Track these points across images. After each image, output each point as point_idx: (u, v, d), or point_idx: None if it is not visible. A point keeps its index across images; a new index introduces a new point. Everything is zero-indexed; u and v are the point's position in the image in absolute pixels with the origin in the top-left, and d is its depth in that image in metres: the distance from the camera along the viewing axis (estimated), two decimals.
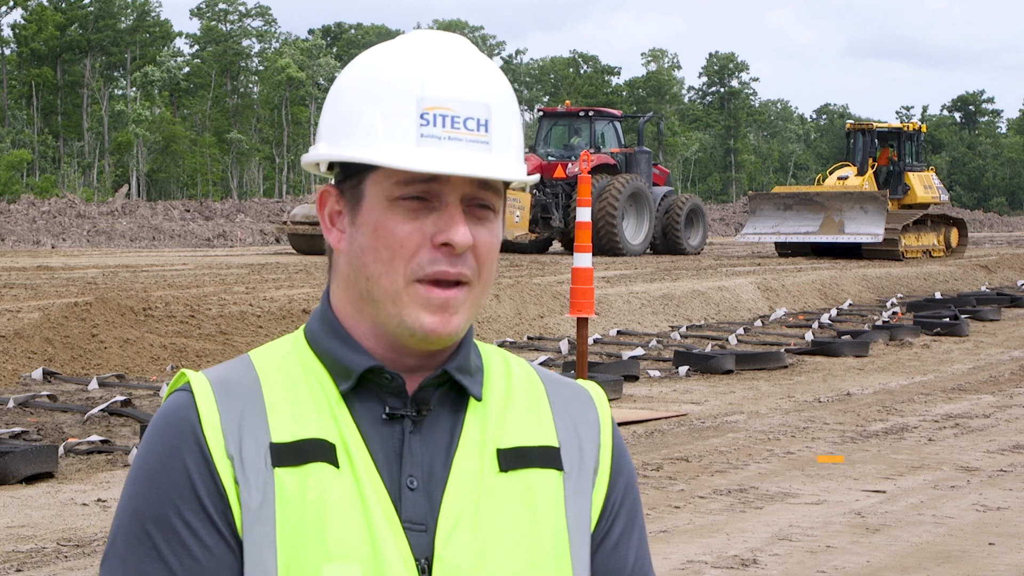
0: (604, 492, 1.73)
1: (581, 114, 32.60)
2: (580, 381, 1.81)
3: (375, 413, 1.65)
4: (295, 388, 1.66)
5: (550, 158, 31.77)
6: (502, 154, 1.64)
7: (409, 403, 1.66)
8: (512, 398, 1.72)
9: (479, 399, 1.68)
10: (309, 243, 29.49)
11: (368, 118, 1.63)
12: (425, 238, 1.61)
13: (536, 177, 1.71)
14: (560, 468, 1.69)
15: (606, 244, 30.22)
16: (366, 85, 1.65)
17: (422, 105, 1.61)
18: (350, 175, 1.66)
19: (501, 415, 1.69)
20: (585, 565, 1.69)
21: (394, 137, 1.61)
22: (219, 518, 1.60)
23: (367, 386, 1.66)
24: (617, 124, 33.27)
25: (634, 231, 31.39)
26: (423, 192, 1.61)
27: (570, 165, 31.15)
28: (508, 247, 29.73)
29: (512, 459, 1.67)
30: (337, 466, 1.61)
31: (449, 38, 1.68)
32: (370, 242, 1.63)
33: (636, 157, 32.45)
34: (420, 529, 1.61)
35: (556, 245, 33.30)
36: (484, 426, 1.68)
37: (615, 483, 1.74)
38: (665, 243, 32.44)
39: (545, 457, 1.68)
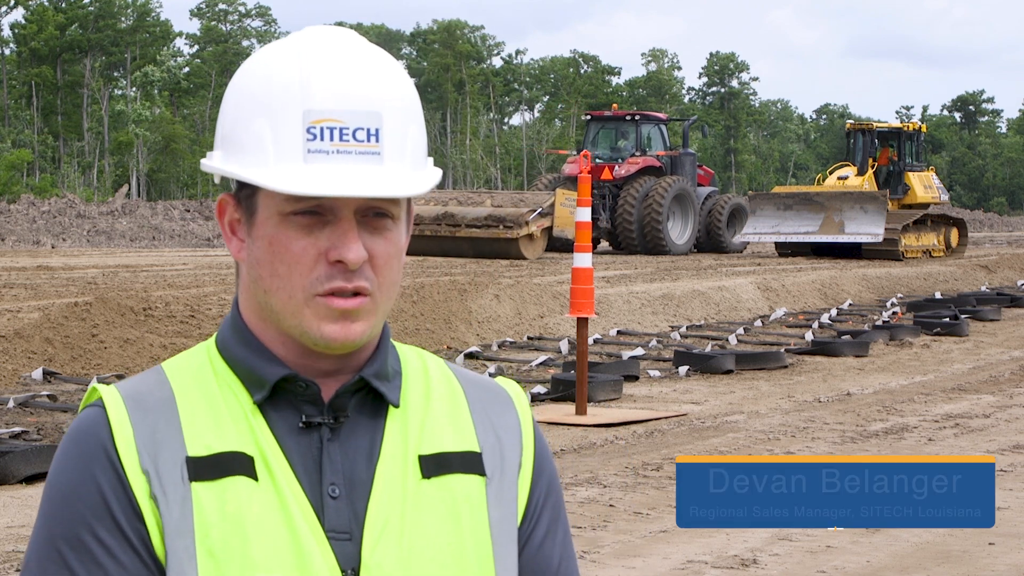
0: (527, 493, 1.71)
1: (627, 118, 33.82)
2: (499, 380, 1.79)
3: (292, 422, 1.63)
4: (210, 399, 1.63)
5: (597, 160, 32.43)
6: (395, 163, 1.60)
7: (326, 411, 1.63)
8: (431, 403, 1.69)
9: (396, 406, 1.66)
10: None
11: (256, 133, 1.60)
12: (320, 253, 1.59)
13: (434, 179, 1.65)
14: (482, 473, 1.67)
15: (651, 244, 31.57)
16: (254, 95, 1.62)
17: (308, 119, 1.57)
18: (244, 186, 1.64)
19: (422, 421, 1.67)
20: (512, 569, 1.67)
21: (282, 155, 1.58)
22: (134, 535, 1.57)
23: (282, 395, 1.63)
24: (663, 127, 34.51)
25: (679, 231, 32.40)
26: (315, 207, 1.58)
27: (616, 167, 32.30)
28: (563, 246, 30.17)
29: (434, 465, 1.65)
30: (256, 479, 1.59)
31: (338, 38, 1.64)
32: (266, 256, 1.61)
33: (681, 159, 33.61)
34: (344, 538, 1.59)
35: (604, 244, 34.12)
36: (405, 432, 1.65)
37: (537, 483, 1.72)
38: (709, 242, 33.46)
39: (466, 462, 1.67)
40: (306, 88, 1.58)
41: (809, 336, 17.36)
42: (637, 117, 33.92)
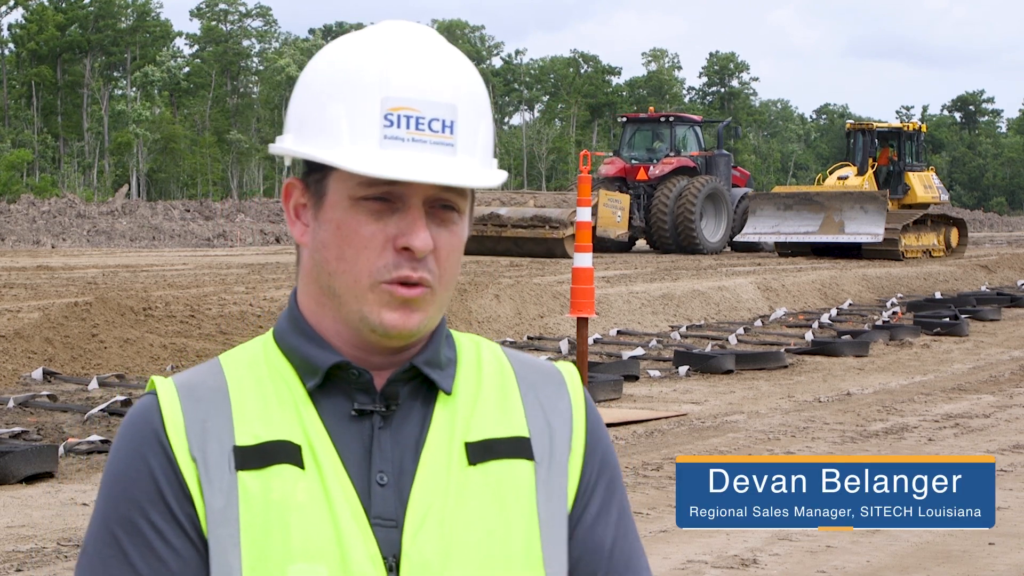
0: (578, 474, 1.71)
1: (663, 119, 34.83)
2: (557, 364, 1.79)
3: (343, 410, 1.64)
4: (261, 389, 1.65)
5: (633, 161, 33.90)
6: (467, 156, 1.62)
7: (378, 399, 1.65)
8: (482, 389, 1.70)
9: (448, 393, 1.67)
10: None
11: (333, 116, 1.61)
12: (388, 240, 1.61)
13: (502, 177, 1.67)
14: (531, 458, 1.67)
15: (684, 242, 32.60)
16: (333, 80, 1.63)
17: (386, 105, 1.59)
18: (314, 169, 1.65)
19: (471, 407, 1.68)
20: (560, 556, 1.67)
21: (357, 138, 1.59)
22: (185, 520, 1.60)
23: (335, 383, 1.65)
24: (697, 128, 35.32)
25: (712, 230, 33.27)
26: (386, 193, 1.60)
27: (651, 167, 33.38)
28: (604, 246, 31.25)
29: (481, 452, 1.65)
30: (302, 467, 1.60)
31: (417, 31, 1.66)
32: (333, 239, 1.63)
33: (715, 160, 34.47)
34: (391, 525, 1.60)
35: (641, 243, 35.04)
36: (453, 419, 1.66)
37: (589, 463, 1.72)
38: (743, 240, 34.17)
39: (515, 448, 1.67)
40: (385, 76, 1.60)
41: (809, 336, 17.36)
42: (672, 119, 34.86)
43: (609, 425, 10.79)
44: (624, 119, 36.45)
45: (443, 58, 1.64)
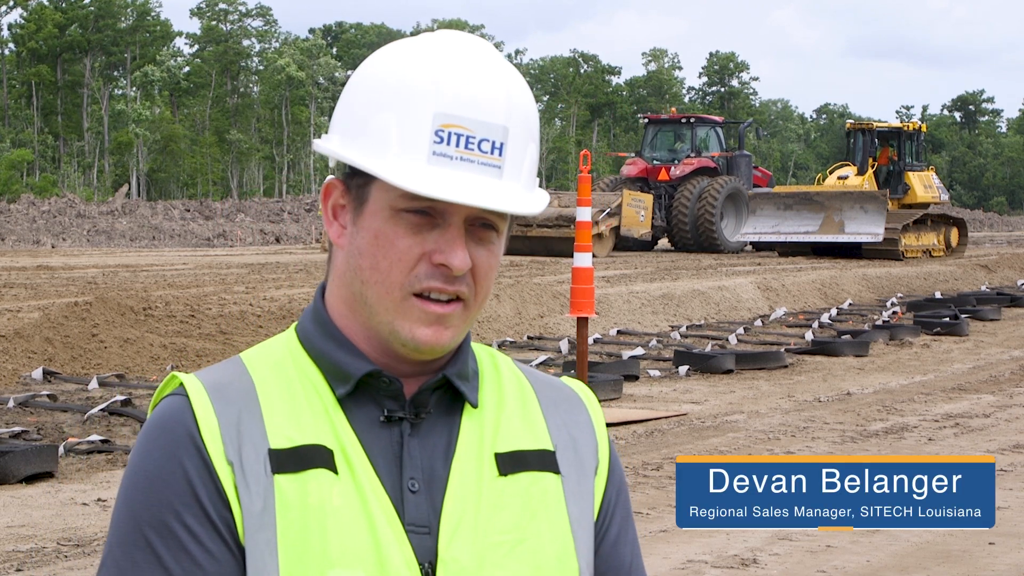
0: (602, 491, 1.73)
1: (684, 120, 35.72)
2: (567, 380, 1.80)
3: (372, 416, 1.64)
4: (291, 392, 1.64)
5: (655, 162, 34.78)
6: (512, 181, 1.61)
7: (407, 406, 1.65)
8: (505, 402, 1.71)
9: (475, 406, 1.68)
10: None
11: (382, 124, 1.60)
12: (424, 253, 1.60)
13: (545, 202, 1.67)
14: (557, 471, 1.68)
15: (705, 241, 33.32)
16: (386, 87, 1.62)
17: (438, 121, 1.58)
18: (358, 174, 1.64)
19: (496, 420, 1.69)
20: (590, 566, 1.69)
21: (406, 151, 1.58)
22: (221, 524, 1.58)
23: (364, 389, 1.65)
24: (719, 130, 36.21)
25: (733, 229, 33.78)
26: (427, 208, 1.59)
27: (673, 168, 34.20)
28: (626, 245, 32.12)
29: (510, 463, 1.66)
30: (336, 472, 1.60)
31: (473, 44, 1.64)
32: (369, 248, 1.62)
33: (736, 160, 35.32)
34: (424, 532, 1.61)
35: (663, 243, 35.68)
36: (481, 431, 1.67)
37: (611, 483, 1.75)
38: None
39: (542, 460, 1.68)
40: (440, 90, 1.59)
41: (809, 336, 17.36)
42: (693, 120, 35.65)
43: (609, 425, 10.79)
44: (646, 120, 37.16)
45: (499, 76, 1.62)
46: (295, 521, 1.57)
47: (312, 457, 1.60)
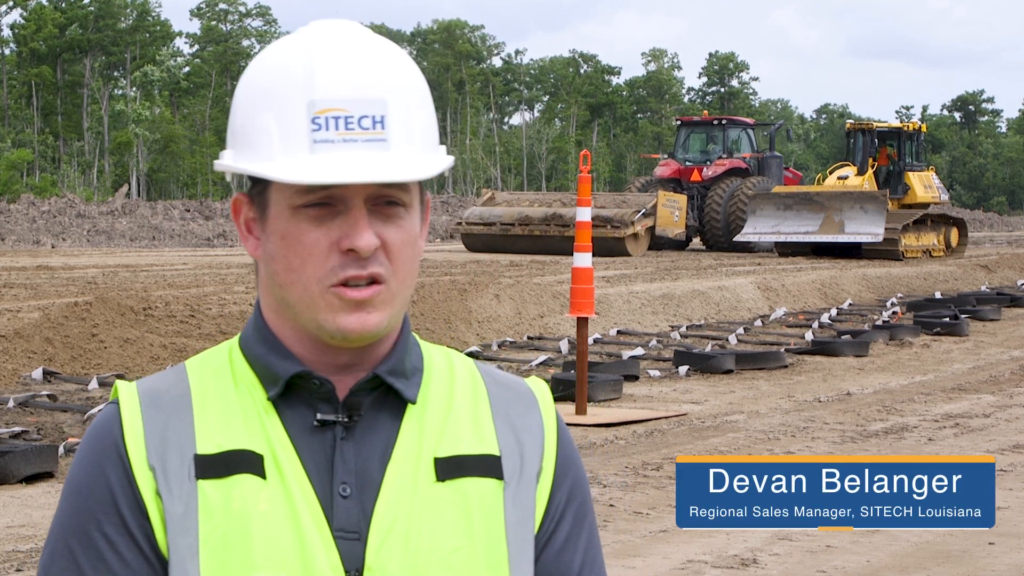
0: (547, 497, 1.69)
1: (716, 122, 36.76)
2: (529, 381, 1.76)
3: (306, 420, 1.62)
4: (225, 397, 1.63)
5: (688, 163, 35.76)
6: (403, 149, 1.59)
7: (340, 409, 1.63)
8: (454, 403, 1.68)
9: (413, 402, 1.65)
10: (481, 242, 31.99)
11: (263, 126, 1.60)
12: (332, 243, 1.58)
13: (443, 165, 1.63)
14: (500, 477, 1.65)
15: (736, 241, 33.84)
16: (260, 89, 1.62)
17: (313, 109, 1.57)
18: (256, 182, 1.64)
19: (442, 422, 1.66)
20: (528, 575, 1.65)
21: (289, 147, 1.57)
22: (139, 532, 1.58)
23: (297, 393, 1.63)
24: (750, 131, 37.05)
25: None
26: (325, 198, 1.58)
27: (705, 169, 35.13)
28: (660, 245, 32.77)
29: (450, 468, 1.63)
30: (264, 477, 1.58)
31: (342, 29, 1.63)
32: (279, 250, 1.61)
33: (768, 161, 36.01)
34: (353, 537, 1.59)
35: (696, 242, 36.34)
36: (421, 433, 1.64)
37: (559, 486, 1.70)
38: None
39: (484, 466, 1.65)
40: (309, 79, 1.58)
41: (809, 336, 17.36)
42: (724, 122, 36.61)
43: (609, 425, 10.79)
44: (679, 122, 38.10)
45: (369, 53, 1.61)
46: (218, 526, 1.57)
47: (239, 462, 1.59)
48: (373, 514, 1.59)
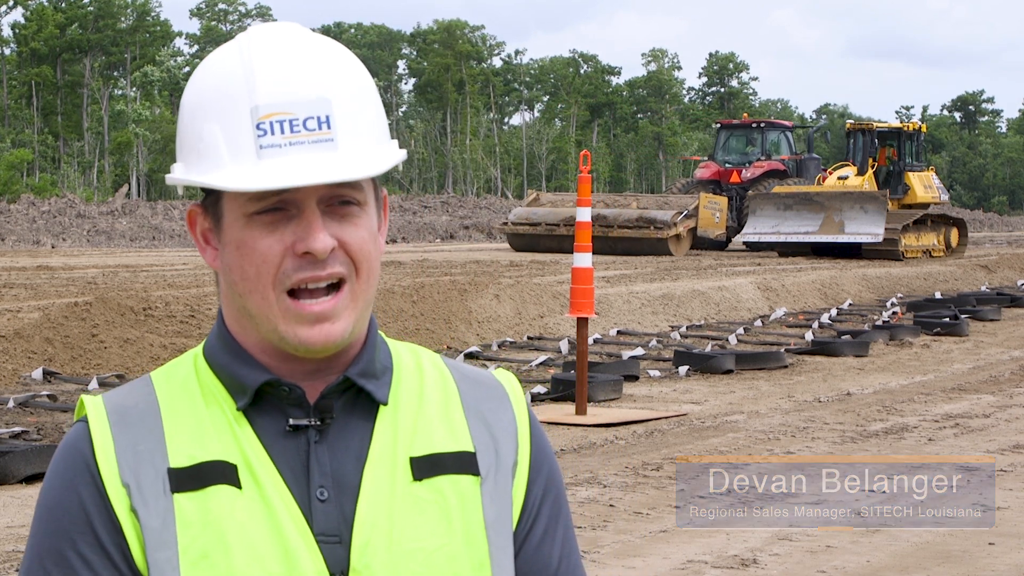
0: (524, 491, 1.69)
1: (754, 125, 37.97)
2: (495, 373, 1.76)
3: (278, 426, 1.61)
4: (194, 409, 1.62)
5: (727, 165, 36.82)
6: (351, 147, 1.57)
7: (312, 413, 1.62)
8: (425, 401, 1.67)
9: (384, 403, 1.64)
10: (526, 242, 32.69)
11: (209, 137, 1.58)
12: (287, 248, 1.57)
13: (393, 160, 1.61)
14: (476, 473, 1.65)
15: None
16: (203, 98, 1.60)
17: (256, 115, 1.56)
18: (209, 193, 1.63)
19: (414, 421, 1.65)
20: (507, 571, 1.65)
21: (236, 155, 1.56)
22: (114, 550, 1.57)
23: (267, 400, 1.62)
24: (788, 134, 38.21)
25: None
26: (278, 203, 1.57)
27: (744, 171, 36.17)
28: (701, 245, 33.52)
29: (426, 467, 1.63)
30: (240, 487, 1.58)
31: (279, 32, 1.63)
32: (236, 259, 1.59)
33: (806, 163, 36.88)
34: (334, 541, 1.58)
35: (736, 243, 36.79)
36: (395, 433, 1.64)
37: (535, 481, 1.70)
38: None
39: (460, 463, 1.64)
40: (251, 85, 1.57)
41: (809, 336, 17.35)
42: (763, 125, 37.83)
43: (609, 425, 10.79)
44: (719, 125, 39.43)
45: (309, 53, 1.60)
46: (196, 539, 1.56)
47: (213, 473, 1.58)
48: (355, 516, 1.59)
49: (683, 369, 14.00)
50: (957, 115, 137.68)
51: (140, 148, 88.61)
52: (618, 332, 17.07)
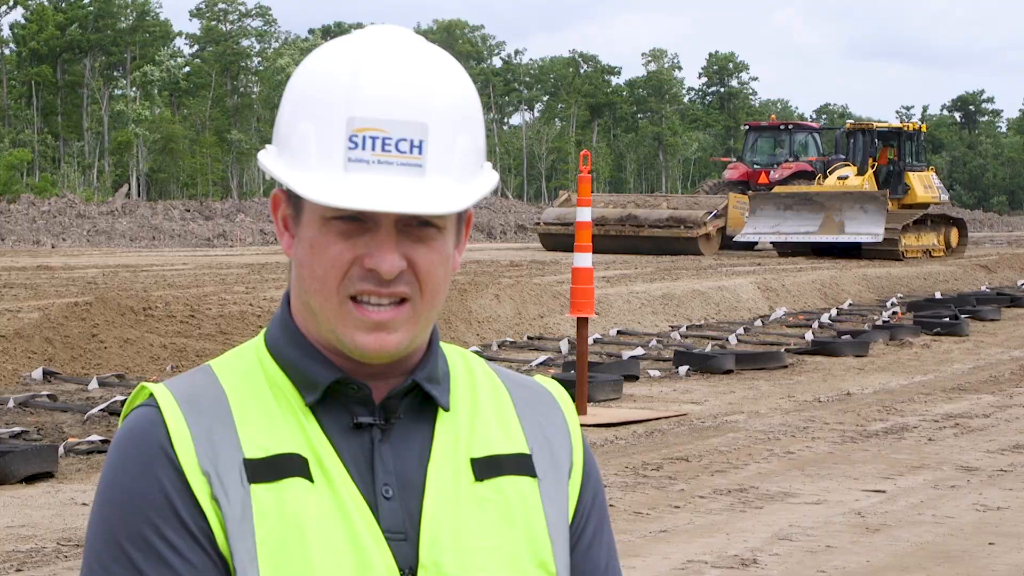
0: (577, 493, 1.72)
1: (782, 127, 38.90)
2: (540, 379, 1.78)
3: (343, 423, 1.62)
4: (262, 401, 1.62)
5: (755, 166, 37.50)
6: (438, 177, 1.56)
7: (377, 412, 1.63)
8: (479, 405, 1.69)
9: (447, 409, 1.66)
10: (558, 242, 32.73)
11: (303, 135, 1.58)
12: (356, 258, 1.57)
13: (477, 195, 1.59)
14: (533, 475, 1.67)
15: None
16: (306, 96, 1.60)
17: (352, 126, 1.55)
18: None
19: (471, 423, 1.67)
20: (567, 569, 1.68)
21: (323, 161, 1.56)
22: (200, 534, 1.56)
23: (333, 396, 1.63)
24: (816, 135, 38.99)
25: None
26: (356, 214, 1.57)
27: (772, 172, 36.57)
28: (729, 245, 33.95)
29: (486, 468, 1.65)
30: (311, 480, 1.58)
31: (392, 38, 1.61)
32: (307, 257, 1.60)
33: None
34: (400, 538, 1.59)
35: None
36: (456, 435, 1.65)
37: (587, 485, 1.74)
38: None
39: (518, 464, 1.67)
40: (352, 94, 1.56)
41: (809, 336, 17.35)
42: (791, 126, 38.73)
43: (609, 425, 10.79)
44: (747, 127, 40.28)
45: (416, 69, 1.58)
46: (274, 530, 1.56)
47: (287, 466, 1.58)
48: (422, 514, 1.61)
49: (683, 369, 14.00)
50: (957, 115, 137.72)
51: (140, 148, 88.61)
52: (618, 332, 17.07)
